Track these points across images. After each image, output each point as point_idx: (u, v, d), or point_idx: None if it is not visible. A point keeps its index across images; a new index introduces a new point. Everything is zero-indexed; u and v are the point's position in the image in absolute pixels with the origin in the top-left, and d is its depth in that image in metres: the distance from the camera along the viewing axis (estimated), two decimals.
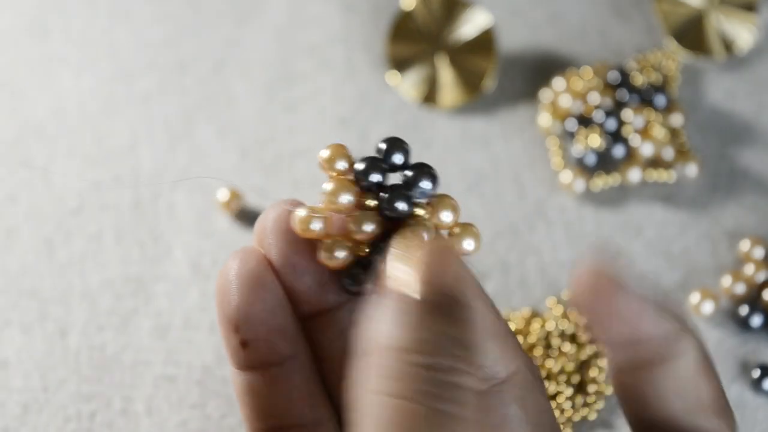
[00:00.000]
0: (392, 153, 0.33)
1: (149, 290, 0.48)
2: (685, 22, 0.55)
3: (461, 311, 0.31)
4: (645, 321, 0.34)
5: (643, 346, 0.34)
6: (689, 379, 0.34)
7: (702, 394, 0.34)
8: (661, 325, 0.34)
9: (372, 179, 0.33)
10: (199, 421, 0.46)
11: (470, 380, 0.30)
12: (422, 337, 0.30)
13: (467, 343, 0.31)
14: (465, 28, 0.54)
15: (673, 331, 0.34)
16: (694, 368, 0.34)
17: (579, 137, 0.52)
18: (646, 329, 0.34)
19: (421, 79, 0.54)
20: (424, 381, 0.30)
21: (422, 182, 0.33)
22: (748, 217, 0.51)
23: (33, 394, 0.46)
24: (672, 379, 0.34)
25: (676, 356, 0.34)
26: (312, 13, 0.56)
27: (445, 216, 0.33)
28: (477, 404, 0.30)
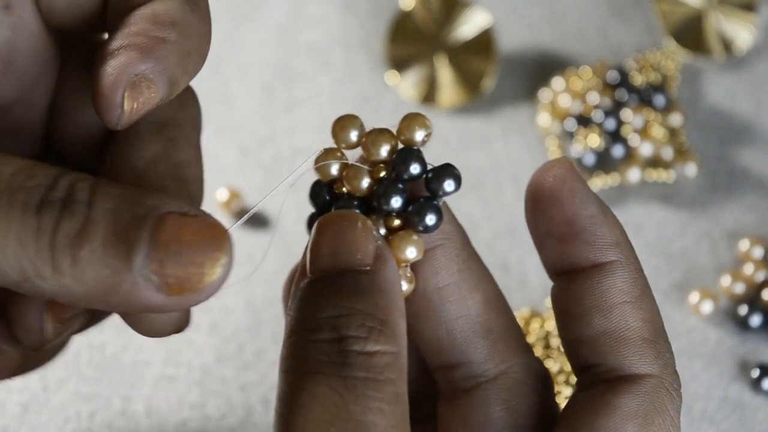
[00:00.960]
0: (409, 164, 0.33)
1: None
2: (685, 22, 0.55)
3: (361, 283, 0.31)
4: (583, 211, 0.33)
5: (574, 243, 0.33)
6: (616, 299, 0.33)
7: (629, 321, 0.33)
8: (599, 225, 0.33)
9: (411, 169, 0.33)
10: (199, 421, 0.46)
11: (380, 346, 0.30)
12: (320, 314, 0.30)
13: (376, 312, 0.30)
14: (465, 28, 0.54)
15: (609, 237, 0.33)
16: (624, 289, 0.33)
17: (578, 137, 0.52)
18: (582, 220, 0.33)
19: (420, 79, 0.54)
20: (326, 353, 0.30)
21: (447, 181, 0.33)
22: (748, 217, 0.51)
23: (33, 393, 0.46)
24: (596, 294, 0.33)
25: (604, 270, 0.33)
26: (312, 13, 0.56)
27: (409, 252, 0.33)
28: (395, 367, 0.30)
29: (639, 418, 0.32)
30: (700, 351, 0.48)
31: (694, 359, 0.47)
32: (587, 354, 0.33)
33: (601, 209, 0.33)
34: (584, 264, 0.33)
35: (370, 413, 0.29)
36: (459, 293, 0.35)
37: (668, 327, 0.48)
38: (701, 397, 0.46)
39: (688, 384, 0.47)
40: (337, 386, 0.29)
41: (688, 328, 0.48)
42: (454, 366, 0.35)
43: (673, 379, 0.33)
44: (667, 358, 0.33)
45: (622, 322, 0.33)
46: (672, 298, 0.49)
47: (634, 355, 0.33)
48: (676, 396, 0.33)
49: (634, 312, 0.33)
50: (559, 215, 0.33)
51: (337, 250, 0.31)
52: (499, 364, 0.35)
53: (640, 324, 0.33)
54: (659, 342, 0.33)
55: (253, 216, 0.50)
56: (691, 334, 0.48)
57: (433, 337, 0.35)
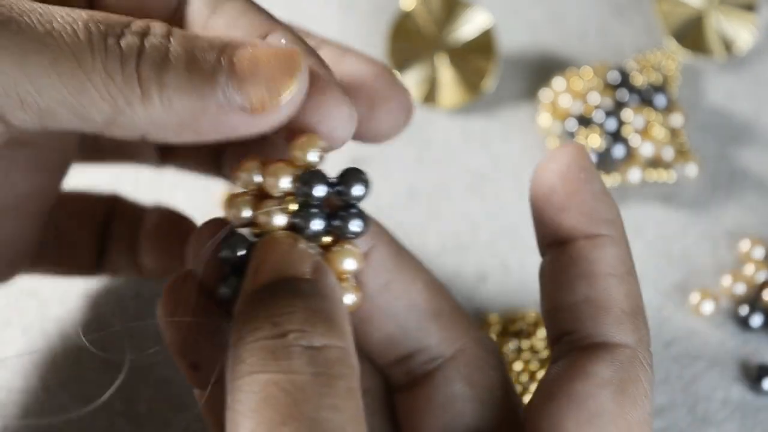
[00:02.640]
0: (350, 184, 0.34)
1: (149, 290, 0.48)
2: (685, 22, 0.55)
3: (301, 287, 0.31)
4: (590, 187, 0.34)
5: (573, 212, 0.34)
6: (600, 271, 0.34)
7: (611, 293, 0.33)
8: (599, 199, 0.34)
9: (315, 193, 0.33)
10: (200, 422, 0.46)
11: (327, 340, 0.30)
12: (260, 315, 0.30)
13: (319, 310, 0.30)
14: (465, 28, 0.54)
15: (605, 212, 0.34)
16: (609, 263, 0.34)
17: (579, 137, 0.52)
18: (583, 193, 0.34)
19: (421, 79, 0.54)
20: (271, 351, 0.29)
21: (354, 187, 0.33)
22: (748, 217, 0.51)
23: (33, 393, 0.46)
24: (583, 263, 0.34)
25: (593, 242, 0.34)
26: (312, 13, 0.56)
27: (348, 264, 0.33)
28: (345, 362, 0.30)
29: (614, 385, 0.32)
30: (701, 352, 0.48)
31: (695, 360, 0.47)
32: (566, 320, 0.34)
33: (603, 189, 0.34)
34: (577, 234, 0.34)
35: (323, 410, 0.29)
36: (402, 286, 0.35)
37: (669, 328, 0.48)
38: (702, 398, 0.46)
39: (689, 385, 0.47)
40: (286, 386, 0.29)
41: (689, 328, 0.48)
42: (411, 355, 0.36)
43: (647, 354, 0.33)
44: (643, 334, 0.34)
45: (605, 293, 0.33)
46: (673, 298, 0.49)
47: (612, 324, 0.33)
48: (650, 371, 0.33)
49: (618, 285, 0.34)
50: (563, 186, 0.34)
51: (276, 265, 0.31)
52: (454, 342, 0.36)
53: (622, 297, 0.33)
54: (638, 318, 0.34)
55: None
56: (692, 335, 0.48)
57: (383, 336, 0.36)
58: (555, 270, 0.34)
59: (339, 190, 0.34)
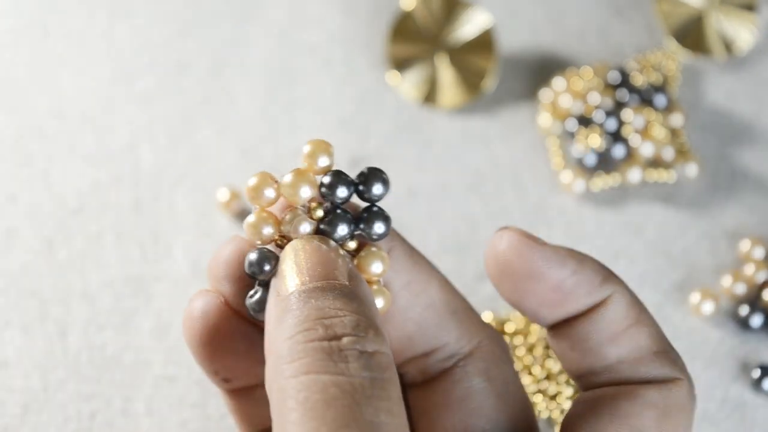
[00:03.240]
0: (372, 183, 0.33)
1: (149, 290, 0.48)
2: (685, 22, 0.55)
3: (344, 292, 0.31)
4: (566, 273, 0.34)
5: (569, 301, 0.34)
6: (621, 326, 0.34)
7: (638, 341, 0.34)
8: (583, 275, 0.34)
9: (339, 194, 0.33)
10: (199, 421, 0.46)
11: (377, 346, 0.30)
12: (311, 317, 0.30)
13: (363, 315, 0.31)
14: (465, 28, 0.54)
15: (596, 279, 0.34)
16: (625, 315, 0.34)
17: (579, 137, 0.52)
18: (568, 281, 0.34)
19: (421, 79, 0.54)
20: (327, 353, 0.29)
21: (375, 186, 0.33)
22: (748, 217, 0.51)
23: (33, 393, 0.46)
24: (603, 328, 0.34)
25: (604, 305, 0.34)
26: (312, 13, 0.56)
27: (375, 267, 0.33)
28: (392, 368, 0.30)
29: (660, 408, 0.33)
30: (701, 351, 0.48)
31: (695, 359, 0.47)
32: (605, 381, 0.34)
33: (576, 259, 0.34)
34: (584, 309, 0.34)
35: (382, 414, 0.29)
36: (420, 286, 0.35)
37: (669, 327, 0.48)
38: (702, 398, 0.46)
39: None
40: (346, 387, 0.29)
41: (688, 328, 0.48)
42: (428, 353, 0.36)
43: (691, 383, 0.34)
44: (681, 364, 0.34)
45: (634, 344, 0.34)
46: (673, 298, 0.49)
47: (655, 368, 0.34)
48: (694, 399, 0.34)
49: (640, 331, 0.34)
50: (544, 288, 0.34)
51: (319, 267, 0.32)
52: (471, 339, 0.36)
53: (649, 340, 0.34)
54: (670, 351, 0.34)
55: None
56: (691, 335, 0.48)
57: (403, 335, 0.36)
58: (572, 340, 0.34)
59: (360, 191, 0.33)
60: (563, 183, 0.51)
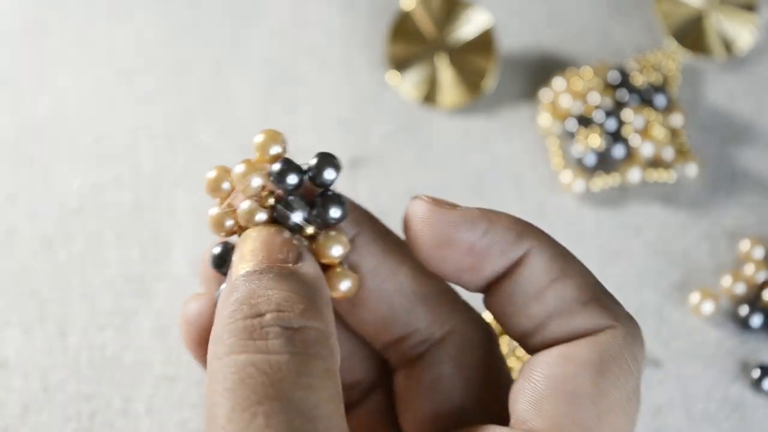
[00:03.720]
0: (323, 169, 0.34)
1: (149, 290, 0.48)
2: (685, 22, 0.55)
3: (282, 273, 0.32)
4: (477, 235, 0.33)
5: (485, 263, 0.33)
6: (543, 281, 0.33)
7: (564, 294, 0.33)
8: (494, 234, 0.33)
9: (289, 181, 0.33)
10: (199, 421, 0.46)
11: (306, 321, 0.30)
12: (239, 298, 0.31)
13: (299, 294, 0.31)
14: (465, 28, 0.54)
15: (508, 236, 0.33)
16: (546, 269, 0.33)
17: (579, 137, 0.52)
18: (479, 243, 0.33)
19: (421, 79, 0.54)
20: (248, 332, 0.30)
21: (326, 171, 0.34)
22: (748, 217, 0.51)
23: (33, 393, 0.46)
24: (525, 286, 0.33)
25: (522, 263, 0.33)
26: (312, 13, 0.56)
27: (335, 250, 0.34)
28: (323, 343, 0.30)
29: (594, 365, 0.32)
30: (701, 351, 0.48)
31: (695, 360, 0.47)
32: (540, 341, 0.34)
33: (487, 220, 0.33)
34: (503, 270, 0.34)
35: (299, 390, 0.29)
36: (389, 270, 0.36)
37: (669, 328, 0.48)
38: (701, 398, 0.46)
39: (688, 384, 0.47)
40: (262, 365, 0.29)
41: (688, 328, 0.48)
42: (403, 338, 0.36)
43: (629, 325, 0.33)
44: (616, 309, 0.33)
45: (559, 299, 0.33)
46: (672, 298, 0.49)
47: (583, 319, 0.33)
48: (634, 341, 0.33)
49: (564, 284, 0.33)
50: (457, 253, 0.33)
51: (260, 252, 0.32)
52: (443, 324, 0.36)
53: (575, 292, 0.33)
54: (601, 298, 0.33)
55: None
56: (691, 335, 0.48)
57: (377, 318, 0.36)
58: (501, 304, 0.34)
59: (311, 177, 0.34)
60: (563, 183, 0.51)
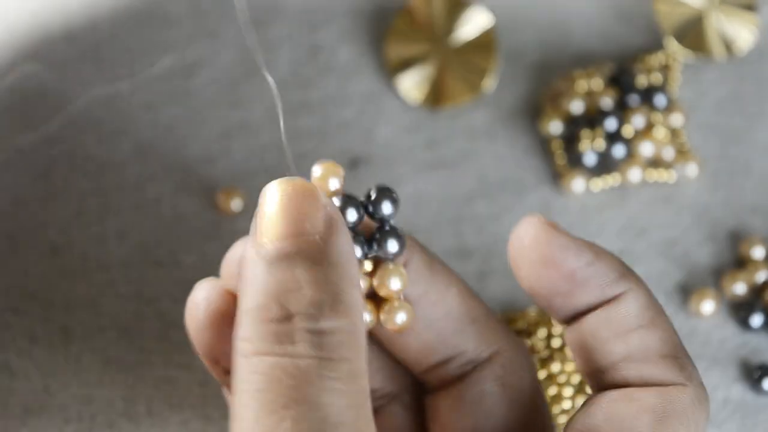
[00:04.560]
0: (381, 202, 0.34)
1: (150, 290, 0.48)
2: (685, 22, 0.55)
3: (310, 255, 0.31)
4: (581, 263, 0.34)
5: (581, 292, 0.34)
6: (632, 325, 0.33)
7: (647, 342, 0.33)
8: (598, 267, 0.34)
9: (349, 218, 0.33)
10: (200, 421, 0.46)
11: (332, 323, 0.30)
12: (268, 291, 0.30)
13: (326, 286, 0.30)
14: (466, 28, 0.54)
15: (611, 273, 0.34)
16: (638, 314, 0.33)
17: (579, 137, 0.52)
18: (582, 272, 0.33)
19: (422, 80, 0.54)
20: (275, 334, 0.29)
21: (384, 205, 0.34)
22: (749, 217, 0.51)
23: (33, 394, 0.46)
24: (613, 324, 0.33)
25: (617, 301, 0.34)
26: (312, 13, 0.56)
27: (393, 284, 0.34)
28: (350, 344, 0.30)
29: (657, 413, 0.32)
30: (702, 352, 0.48)
31: (696, 360, 0.47)
32: (610, 380, 0.34)
33: (593, 252, 0.34)
34: (596, 303, 0.34)
35: (326, 394, 0.29)
36: (438, 295, 0.36)
37: None
38: None
39: None
40: (289, 368, 0.29)
41: (689, 329, 0.48)
42: (447, 360, 0.36)
43: (700, 391, 0.33)
44: (690, 371, 0.33)
45: (642, 345, 0.33)
46: (673, 298, 0.49)
47: (659, 371, 0.33)
48: (702, 408, 0.33)
49: (651, 333, 0.33)
50: (557, 276, 0.34)
51: (283, 220, 0.31)
52: (490, 345, 0.36)
53: (659, 343, 0.33)
54: (681, 357, 0.34)
55: None
56: (692, 335, 0.48)
57: (421, 344, 0.36)
58: (584, 336, 0.34)
59: (370, 211, 0.34)
60: (563, 183, 0.51)
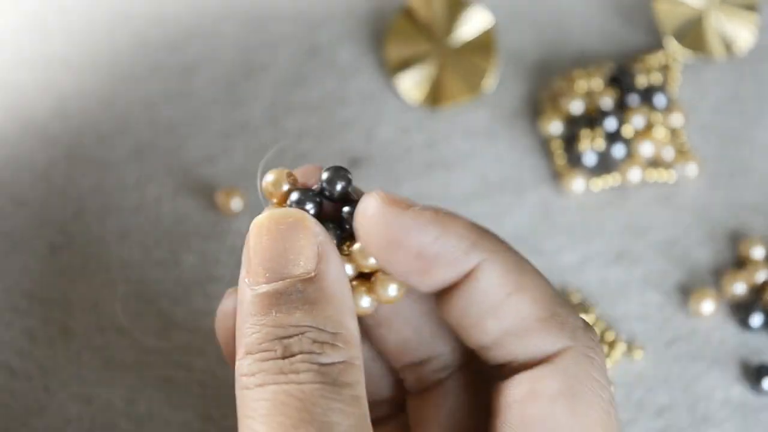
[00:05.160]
0: (334, 183, 0.34)
1: (150, 290, 0.48)
2: (685, 22, 0.55)
3: (306, 295, 0.31)
4: (428, 239, 0.32)
5: (434, 270, 0.32)
6: (498, 295, 0.32)
7: (520, 310, 0.32)
8: (446, 240, 0.32)
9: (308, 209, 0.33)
10: (200, 421, 0.46)
11: (333, 359, 0.30)
12: (269, 337, 0.31)
13: (325, 325, 0.31)
14: (465, 28, 0.54)
15: (461, 244, 0.32)
16: (500, 282, 0.32)
17: (579, 137, 0.52)
18: (430, 248, 0.32)
19: (421, 80, 0.54)
20: (279, 368, 0.30)
21: (338, 185, 0.33)
22: (748, 217, 0.51)
23: (34, 395, 0.46)
24: (478, 300, 0.32)
25: (474, 275, 0.32)
26: (312, 13, 0.56)
27: (391, 290, 0.33)
28: (350, 372, 0.30)
29: (564, 396, 0.31)
30: (702, 352, 0.48)
31: (696, 360, 0.47)
32: (496, 356, 0.33)
33: (440, 225, 0.32)
34: (455, 279, 0.32)
35: (332, 414, 0.29)
36: (418, 292, 0.34)
37: (669, 328, 0.48)
38: (703, 398, 0.47)
39: (689, 385, 0.47)
40: (294, 392, 0.29)
41: (689, 329, 0.48)
42: (424, 361, 0.35)
43: (586, 340, 0.32)
44: (571, 323, 0.32)
45: (515, 314, 0.32)
46: (673, 298, 0.49)
47: (540, 339, 0.32)
48: (595, 355, 0.32)
49: (520, 299, 0.32)
50: (406, 256, 0.32)
51: (278, 259, 0.31)
52: (466, 351, 0.35)
53: (531, 307, 0.32)
54: (557, 313, 0.32)
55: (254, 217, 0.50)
56: (692, 335, 0.48)
57: (399, 339, 0.35)
58: (455, 314, 0.33)
59: (327, 196, 0.34)
60: (563, 183, 0.51)
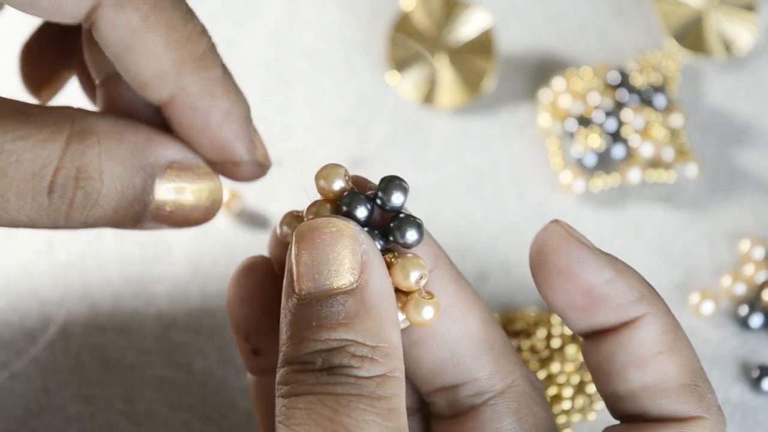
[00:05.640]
0: (391, 193, 0.33)
1: (149, 291, 0.48)
2: (685, 22, 0.55)
3: (348, 307, 0.31)
4: (600, 279, 0.32)
5: (598, 310, 0.32)
6: (650, 351, 0.32)
7: (666, 371, 0.32)
8: (618, 285, 0.32)
9: (358, 215, 0.33)
10: (200, 422, 0.46)
11: (373, 373, 0.30)
12: (311, 349, 0.31)
13: (366, 338, 0.31)
14: (465, 28, 0.54)
15: (631, 294, 0.32)
16: (656, 340, 0.32)
17: (579, 137, 0.52)
18: (600, 288, 0.32)
19: (421, 80, 0.54)
20: (317, 378, 0.30)
21: (394, 196, 0.33)
22: (748, 217, 0.51)
23: (34, 395, 0.46)
24: (630, 350, 0.32)
25: (634, 325, 0.33)
26: (311, 13, 0.56)
27: (413, 275, 0.33)
28: (389, 384, 0.30)
29: None
30: (701, 352, 0.47)
31: None
32: (627, 407, 0.33)
33: (615, 269, 0.33)
34: (613, 325, 0.33)
35: (366, 426, 0.29)
36: (460, 313, 0.34)
37: None
38: None
39: None
40: (329, 402, 0.29)
41: (688, 329, 0.48)
42: (458, 385, 0.35)
43: (718, 420, 0.33)
44: (709, 399, 0.33)
45: (660, 373, 0.32)
46: (673, 298, 0.49)
47: (677, 403, 0.32)
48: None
49: (669, 360, 0.33)
50: (574, 289, 0.33)
51: (320, 270, 0.31)
52: (504, 377, 0.35)
53: (677, 371, 0.33)
54: (699, 385, 0.33)
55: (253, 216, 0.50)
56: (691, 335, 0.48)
57: (434, 361, 0.35)
58: (600, 358, 0.33)
59: (380, 204, 0.33)
60: (563, 183, 0.51)
